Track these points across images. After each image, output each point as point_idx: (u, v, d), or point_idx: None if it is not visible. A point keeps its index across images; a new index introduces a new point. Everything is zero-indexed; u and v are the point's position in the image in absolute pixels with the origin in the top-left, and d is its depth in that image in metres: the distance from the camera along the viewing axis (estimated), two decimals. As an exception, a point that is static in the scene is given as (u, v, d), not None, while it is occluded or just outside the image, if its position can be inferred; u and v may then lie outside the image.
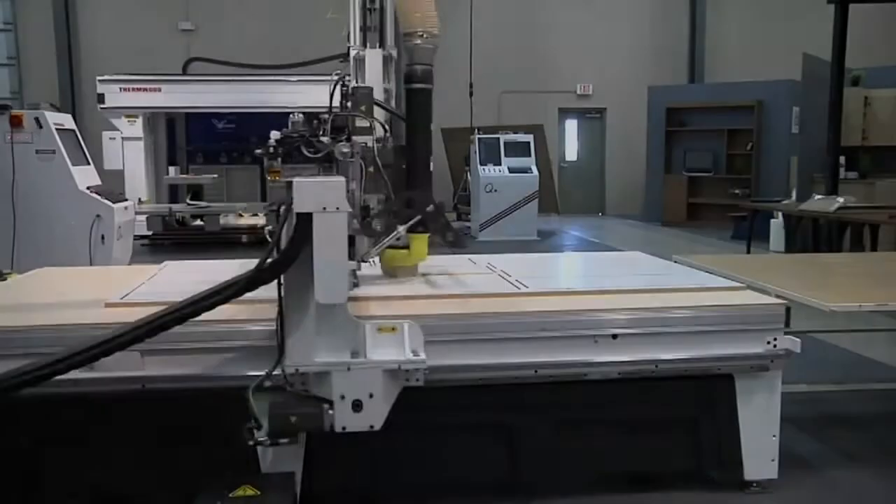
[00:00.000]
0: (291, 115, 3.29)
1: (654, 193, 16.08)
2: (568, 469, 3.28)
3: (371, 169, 3.31)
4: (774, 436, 3.26)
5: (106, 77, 11.64)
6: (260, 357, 2.85)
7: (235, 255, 11.14)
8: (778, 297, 3.46)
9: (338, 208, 2.54)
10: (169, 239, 11.72)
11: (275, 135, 3.21)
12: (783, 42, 16.55)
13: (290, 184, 2.69)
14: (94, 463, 2.96)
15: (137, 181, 11.68)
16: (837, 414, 4.38)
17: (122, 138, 11.49)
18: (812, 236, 9.00)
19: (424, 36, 3.54)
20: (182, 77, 12.36)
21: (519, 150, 13.50)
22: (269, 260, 2.59)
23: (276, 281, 2.65)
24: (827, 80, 9.76)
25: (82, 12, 16.40)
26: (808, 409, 4.42)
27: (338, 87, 3.48)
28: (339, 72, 3.54)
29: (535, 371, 3.03)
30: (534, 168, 13.44)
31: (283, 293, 2.69)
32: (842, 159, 10.43)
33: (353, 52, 4.81)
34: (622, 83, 17.91)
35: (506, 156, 13.38)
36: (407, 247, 3.61)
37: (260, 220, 12.01)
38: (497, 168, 13.28)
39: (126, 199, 8.13)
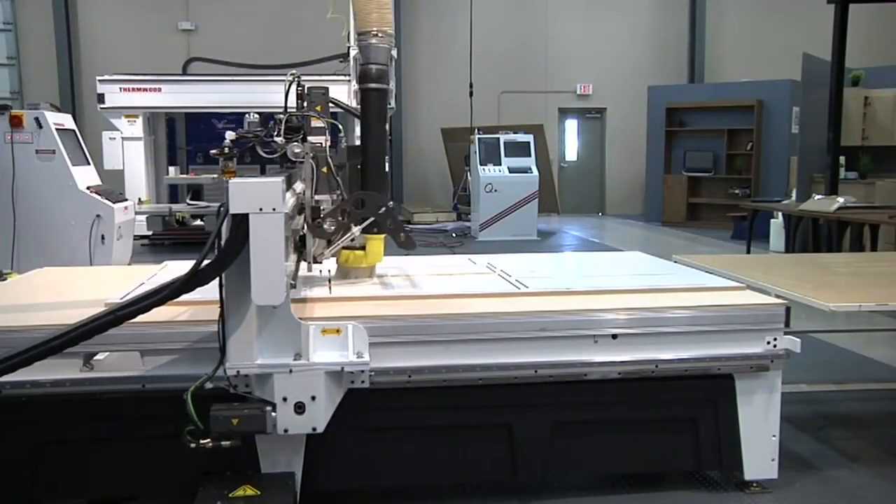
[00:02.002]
0: (247, 115, 3.27)
1: (654, 193, 16.09)
2: (568, 469, 3.28)
3: (324, 169, 3.28)
4: (774, 436, 3.26)
5: (106, 77, 11.64)
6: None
7: (235, 255, 11.00)
8: (778, 297, 3.46)
9: (274, 209, 2.49)
10: (169, 239, 11.72)
11: (230, 135, 3.19)
12: (783, 42, 16.57)
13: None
14: (94, 463, 2.97)
15: (137, 181, 11.67)
16: (837, 414, 4.39)
17: (122, 138, 11.49)
18: (812, 236, 8.99)
19: (380, 35, 3.49)
20: (182, 77, 12.36)
21: (519, 150, 13.51)
22: (205, 261, 2.54)
23: (217, 282, 2.61)
24: (827, 80, 9.76)
25: (82, 12, 16.41)
26: (808, 409, 4.42)
27: (293, 87, 3.46)
28: (294, 72, 3.51)
29: (535, 371, 3.03)
30: (534, 168, 13.45)
31: (223, 294, 2.64)
32: (842, 159, 10.43)
33: (353, 52, 4.81)
34: (622, 83, 17.92)
35: (506, 156, 13.38)
36: (363, 248, 3.58)
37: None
38: (497, 168, 13.28)
39: (126, 199, 8.13)
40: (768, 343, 3.18)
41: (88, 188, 7.45)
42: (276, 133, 3.17)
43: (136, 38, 16.14)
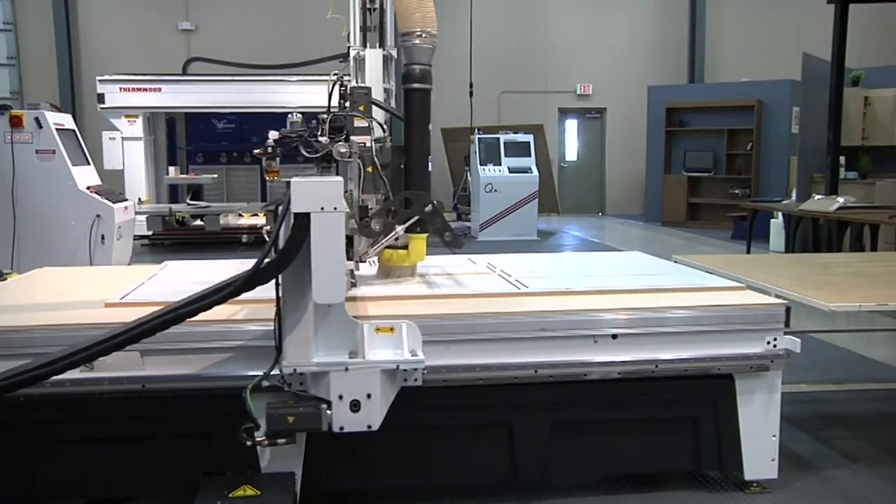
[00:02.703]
0: (290, 116, 3.28)
1: (654, 193, 16.08)
2: (567, 469, 3.28)
3: (369, 169, 3.30)
4: (774, 436, 3.26)
5: (106, 77, 11.64)
6: (259, 357, 2.87)
7: (235, 255, 11.12)
8: (778, 297, 3.46)
9: (335, 208, 2.53)
10: (169, 239, 11.72)
11: (273, 135, 3.20)
12: (783, 42, 16.57)
13: (288, 183, 2.68)
14: (94, 463, 2.97)
15: (137, 181, 11.68)
16: (837, 414, 4.38)
17: (122, 138, 11.50)
18: (812, 236, 8.99)
19: (423, 36, 3.51)
20: (182, 77, 12.36)
21: (519, 150, 13.51)
22: (266, 260, 2.57)
23: (273, 281, 2.64)
24: (827, 80, 9.76)
25: (82, 12, 16.41)
26: (808, 409, 4.42)
27: (336, 87, 3.47)
28: (337, 72, 3.53)
29: (535, 371, 3.03)
30: (534, 168, 13.45)
31: (280, 293, 2.68)
32: (842, 159, 10.43)
33: (353, 52, 4.82)
34: (622, 83, 17.91)
35: (506, 156, 13.38)
36: (405, 247, 3.60)
37: (260, 220, 12.02)
38: (497, 168, 13.29)
39: (126, 199, 8.14)
40: (768, 343, 3.18)
41: (88, 188, 7.46)
42: (319, 133, 3.17)
43: (136, 38, 16.14)
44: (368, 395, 2.74)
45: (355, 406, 2.73)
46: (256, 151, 3.28)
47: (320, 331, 2.74)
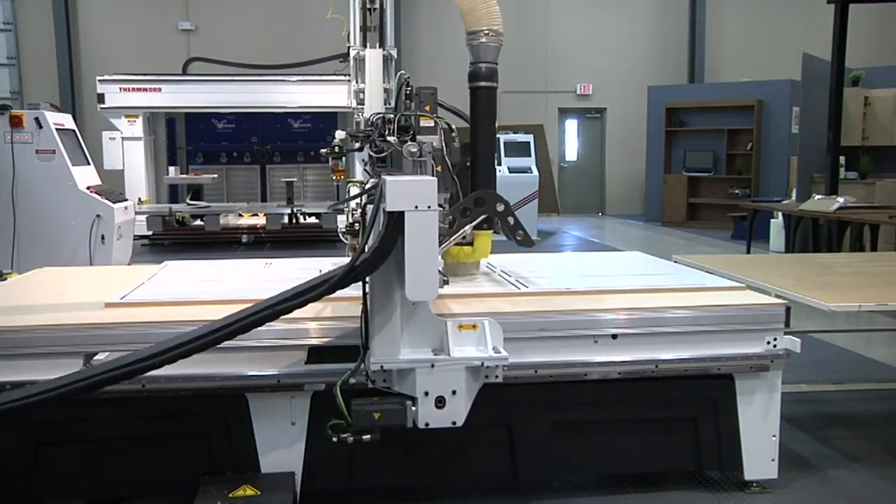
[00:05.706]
0: (355, 115, 3.25)
1: (654, 193, 16.09)
2: (567, 469, 3.28)
3: (439, 168, 3.32)
4: (774, 436, 3.26)
5: (106, 77, 11.65)
6: (259, 357, 2.87)
7: (235, 255, 11.09)
8: (778, 297, 3.46)
9: (429, 206, 2.56)
10: (169, 239, 11.73)
11: (340, 134, 3.18)
12: (783, 42, 16.58)
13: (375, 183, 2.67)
14: (94, 463, 2.97)
15: (137, 181, 11.68)
16: (837, 414, 4.38)
17: (122, 138, 11.50)
18: (812, 236, 9.00)
19: (489, 34, 3.52)
20: (182, 77, 12.36)
21: (519, 150, 13.50)
22: (360, 258, 2.58)
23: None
24: (827, 80, 9.76)
25: (82, 12, 16.41)
26: (808, 409, 4.42)
27: (402, 87, 3.47)
28: (403, 73, 3.53)
29: (535, 371, 3.03)
30: (534, 168, 13.44)
31: (368, 291, 2.71)
32: (842, 159, 10.43)
33: (353, 52, 4.81)
34: (622, 83, 17.91)
35: (506, 156, 13.37)
36: (470, 244, 3.60)
37: (260, 220, 12.03)
38: (497, 168, 13.25)
39: (126, 199, 8.14)
40: (768, 343, 3.18)
41: (88, 188, 7.46)
42: (387, 133, 3.18)
43: (136, 38, 16.14)
44: (453, 392, 2.76)
45: (440, 402, 2.76)
46: (323, 151, 3.25)
47: (406, 328, 2.77)
